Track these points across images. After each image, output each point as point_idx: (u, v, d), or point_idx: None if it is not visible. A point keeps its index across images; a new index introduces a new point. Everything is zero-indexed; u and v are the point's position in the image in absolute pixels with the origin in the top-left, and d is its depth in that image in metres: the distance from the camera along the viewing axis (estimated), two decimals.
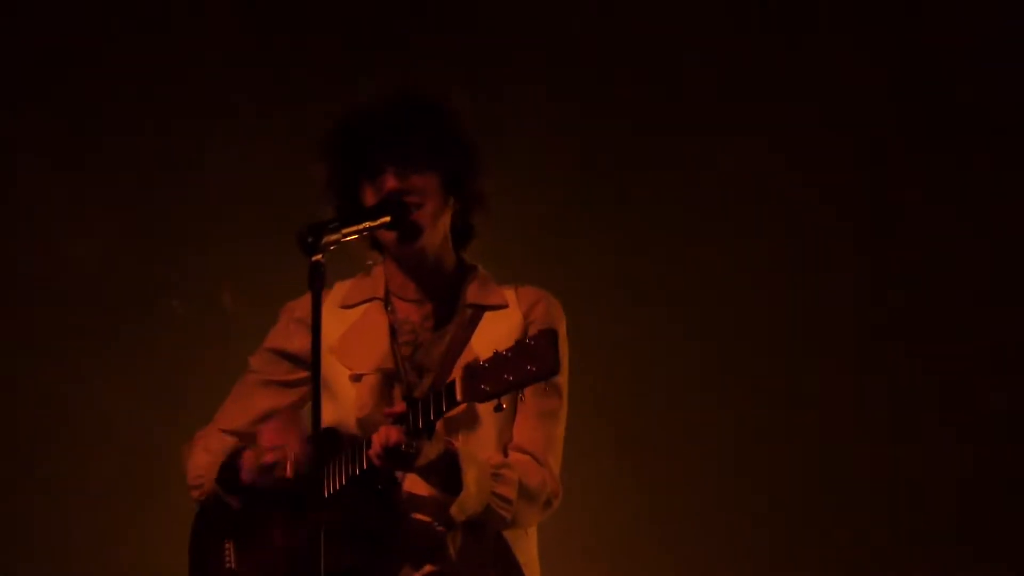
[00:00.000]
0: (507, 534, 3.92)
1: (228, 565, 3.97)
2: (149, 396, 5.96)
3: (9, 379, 6.01)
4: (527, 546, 3.98)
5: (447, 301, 4.01)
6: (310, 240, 3.63)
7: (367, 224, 3.82)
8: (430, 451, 3.69)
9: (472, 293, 4.00)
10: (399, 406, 3.70)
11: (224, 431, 4.11)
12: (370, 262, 4.08)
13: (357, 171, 3.94)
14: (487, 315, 3.98)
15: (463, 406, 3.66)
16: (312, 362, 3.56)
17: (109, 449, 5.94)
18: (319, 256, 3.63)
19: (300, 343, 4.04)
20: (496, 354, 3.54)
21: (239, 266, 5.97)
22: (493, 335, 3.92)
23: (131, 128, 6.06)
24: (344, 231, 3.73)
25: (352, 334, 4.00)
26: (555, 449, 3.98)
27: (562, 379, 3.95)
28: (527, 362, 3.50)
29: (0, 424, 5.99)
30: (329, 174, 3.98)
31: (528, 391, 3.61)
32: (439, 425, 3.69)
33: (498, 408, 3.57)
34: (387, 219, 3.86)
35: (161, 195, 6.05)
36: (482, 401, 3.58)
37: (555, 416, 3.99)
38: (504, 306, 3.99)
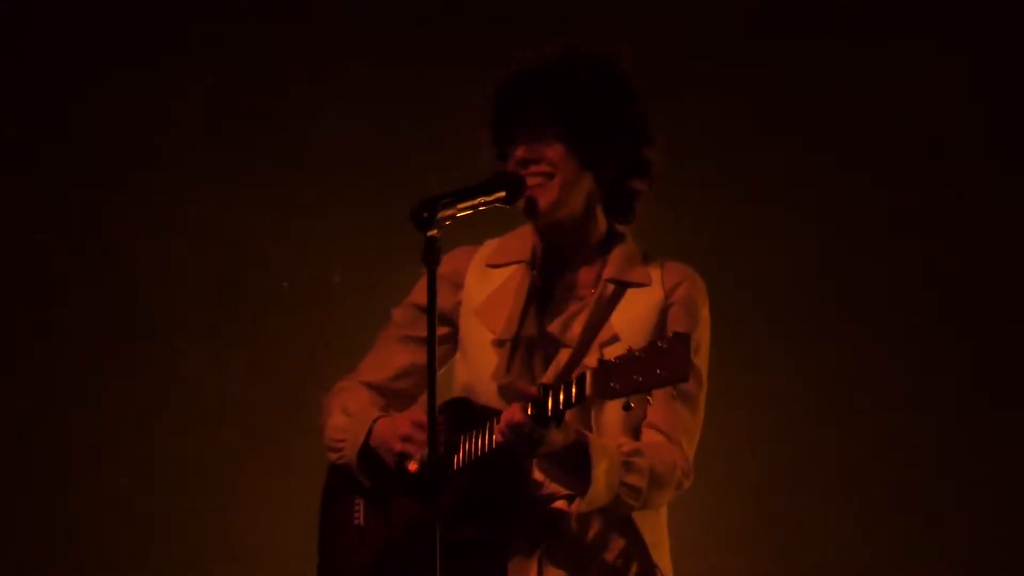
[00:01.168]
0: (642, 529, 3.86)
1: (357, 522, 3.96)
2: (261, 374, 6.00)
3: (127, 355, 6.03)
4: (656, 524, 3.91)
5: (590, 272, 3.94)
6: (424, 215, 3.60)
7: (482, 199, 3.77)
8: (558, 438, 3.63)
9: (614, 266, 3.92)
10: (532, 389, 3.64)
11: (364, 383, 4.07)
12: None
13: (502, 141, 3.90)
14: (629, 292, 3.89)
15: (592, 400, 3.60)
16: (428, 338, 3.53)
17: (225, 427, 5.97)
18: (434, 231, 3.59)
19: (444, 299, 3.96)
20: (629, 352, 3.49)
21: (350, 243, 5.97)
22: (631, 314, 3.85)
23: (246, 95, 6.06)
24: (459, 206, 3.69)
25: (497, 297, 3.95)
26: (690, 432, 3.89)
27: (701, 363, 3.87)
28: (657, 365, 3.45)
29: (116, 402, 6.02)
30: (490, 140, 3.94)
31: None
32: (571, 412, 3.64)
33: (627, 407, 3.52)
34: (502, 194, 3.82)
35: (271, 168, 6.04)
36: (610, 399, 3.53)
37: (692, 399, 3.89)
38: (647, 284, 3.91)
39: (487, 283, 3.98)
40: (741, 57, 5.79)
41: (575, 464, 3.67)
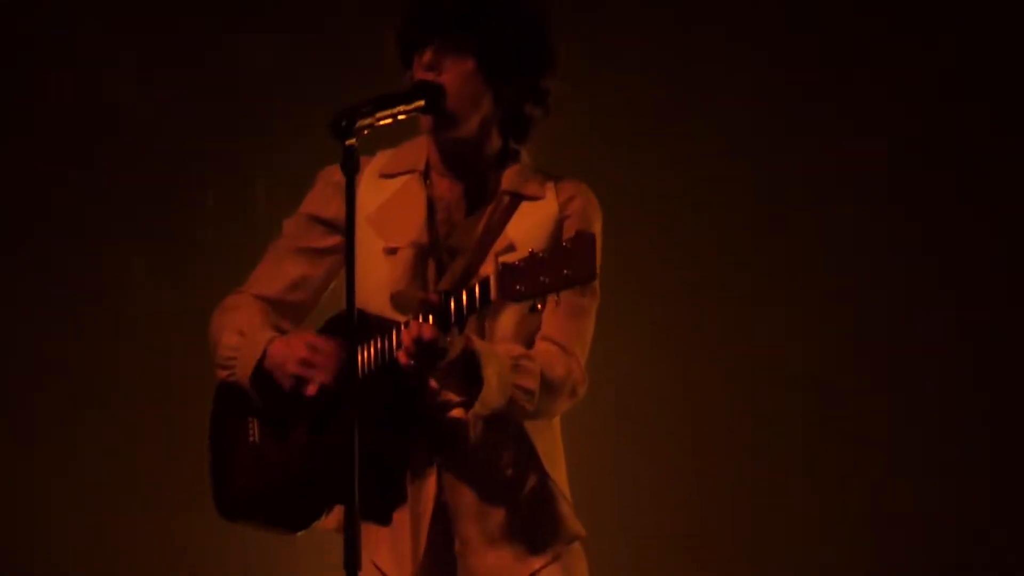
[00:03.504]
0: (528, 424, 3.89)
1: (251, 439, 3.95)
2: (184, 290, 5.99)
3: (50, 271, 6.02)
4: (549, 436, 3.95)
5: (485, 184, 3.95)
6: (343, 124, 3.59)
7: (401, 108, 3.76)
8: (453, 346, 3.65)
9: (509, 180, 3.94)
10: (433, 296, 3.66)
11: (256, 296, 4.05)
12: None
13: (408, 42, 3.89)
14: (524, 204, 3.92)
15: (496, 304, 3.59)
16: (347, 244, 3.52)
17: (146, 340, 5.97)
18: (352, 140, 3.58)
19: (336, 209, 3.96)
20: (532, 254, 3.49)
21: (272, 158, 5.95)
22: (527, 225, 3.88)
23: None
24: (378, 115, 3.67)
25: (390, 206, 3.95)
26: (583, 340, 3.93)
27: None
28: (563, 266, 3.44)
29: (40, 315, 6.01)
30: (396, 44, 3.93)
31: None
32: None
33: (533, 309, 3.52)
34: (421, 103, 3.81)
35: (193, 84, 6.01)
36: (516, 301, 3.53)
37: (585, 311, 3.94)
38: (541, 198, 3.93)
39: (379, 192, 3.97)
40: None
41: (464, 370, 3.69)
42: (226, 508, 3.99)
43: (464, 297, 3.58)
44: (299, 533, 3.93)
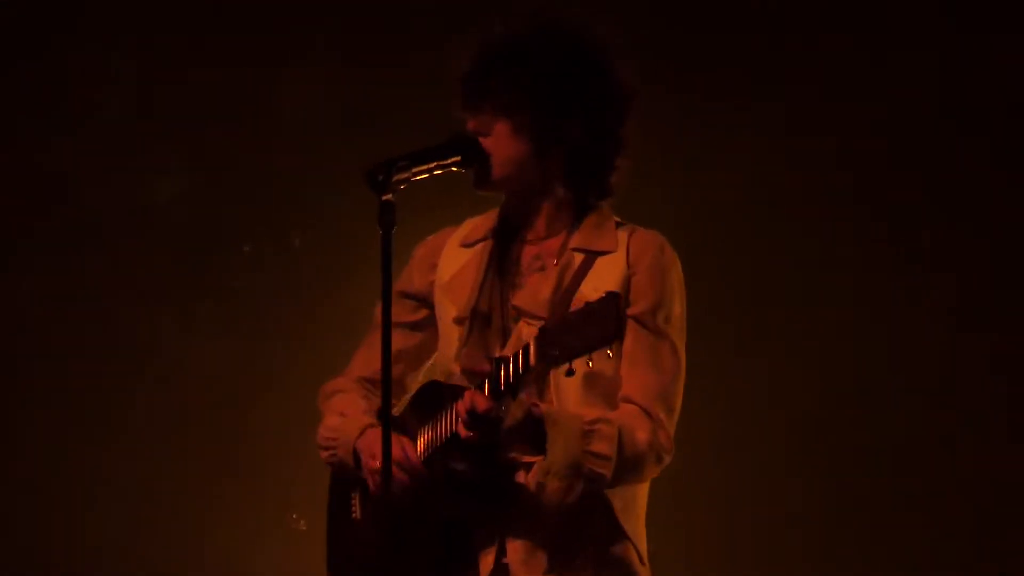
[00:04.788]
0: (610, 493, 3.76)
1: (354, 515, 3.95)
2: (222, 336, 6.00)
3: (91, 321, 6.03)
4: (634, 507, 3.83)
5: (556, 243, 3.86)
6: (380, 179, 3.55)
7: (437, 163, 3.73)
8: (516, 412, 3.60)
9: (581, 236, 3.85)
10: (484, 365, 3.62)
11: (357, 379, 4.04)
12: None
13: (462, 102, 3.84)
14: (600, 260, 3.82)
15: (537, 369, 3.53)
16: (383, 311, 3.46)
17: (185, 386, 5.99)
18: (388, 195, 3.53)
19: (420, 280, 3.97)
20: (564, 318, 3.47)
21: (309, 207, 5.96)
22: (600, 281, 3.75)
23: (203, 61, 6.04)
24: (414, 170, 3.64)
25: (461, 274, 3.90)
26: (668, 401, 3.78)
27: (677, 337, 3.80)
28: (590, 328, 3.38)
29: (84, 362, 6.03)
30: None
31: (637, 339, 3.63)
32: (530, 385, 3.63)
33: (569, 373, 3.45)
34: (457, 158, 3.78)
35: (232, 135, 6.03)
36: (554, 365, 3.47)
37: (666, 365, 3.79)
38: (612, 251, 3.82)
39: (456, 262, 3.93)
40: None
41: (533, 437, 3.62)
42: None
43: (511, 363, 3.53)
44: None
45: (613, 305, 3.37)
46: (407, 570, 3.79)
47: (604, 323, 3.36)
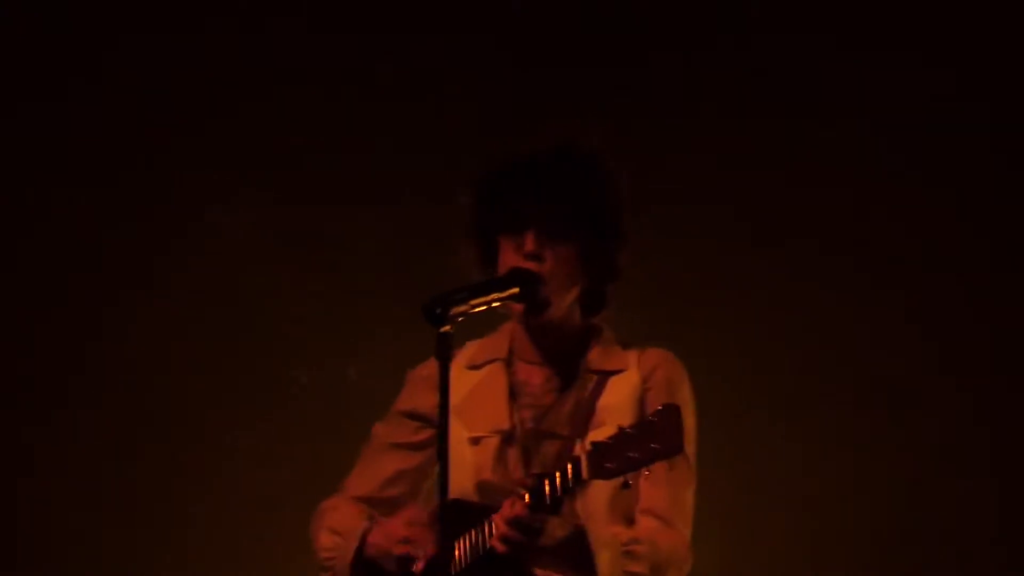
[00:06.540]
0: None
1: None
2: (277, 466, 6.01)
3: (140, 446, 6.06)
4: None
5: (570, 365, 3.95)
6: (438, 312, 3.60)
7: (495, 295, 3.78)
8: (556, 530, 3.63)
9: (595, 359, 3.94)
10: (527, 479, 3.64)
11: (353, 498, 4.06)
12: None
13: (499, 224, 3.89)
14: (611, 380, 3.91)
15: (588, 483, 3.60)
16: (439, 434, 3.52)
17: (238, 512, 5.99)
18: (447, 327, 3.59)
19: (424, 401, 3.99)
20: (620, 431, 3.50)
21: (365, 337, 5.99)
22: (613, 400, 3.86)
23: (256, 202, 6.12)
24: (472, 302, 3.69)
25: (473, 396, 3.96)
26: (684, 513, 3.89)
27: (689, 447, 3.86)
28: (651, 440, 3.46)
29: (133, 488, 6.05)
30: (472, 221, 3.94)
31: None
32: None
33: (625, 486, 3.53)
34: (515, 291, 3.83)
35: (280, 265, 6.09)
36: (608, 479, 3.53)
37: (685, 481, 3.90)
38: (624, 369, 3.92)
39: (465, 384, 3.97)
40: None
41: (574, 557, 3.66)
42: None
43: (558, 478, 3.56)
44: None
45: (676, 416, 3.44)
46: None
47: (668, 434, 3.44)
